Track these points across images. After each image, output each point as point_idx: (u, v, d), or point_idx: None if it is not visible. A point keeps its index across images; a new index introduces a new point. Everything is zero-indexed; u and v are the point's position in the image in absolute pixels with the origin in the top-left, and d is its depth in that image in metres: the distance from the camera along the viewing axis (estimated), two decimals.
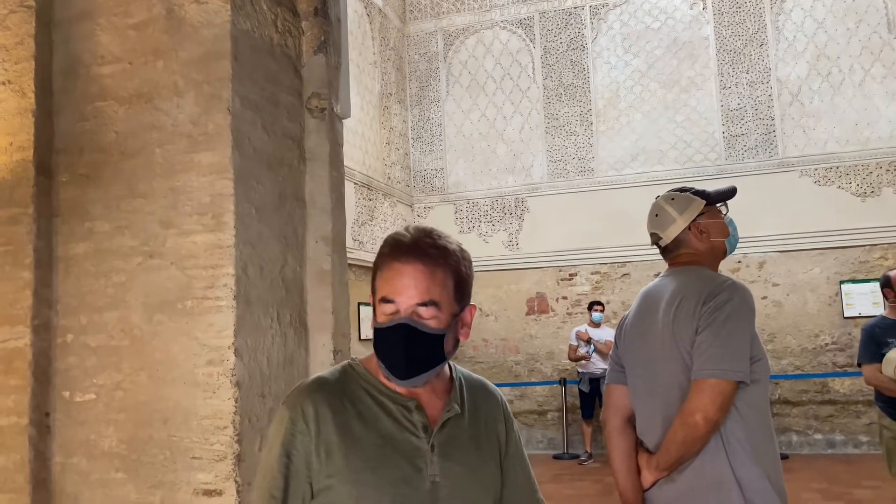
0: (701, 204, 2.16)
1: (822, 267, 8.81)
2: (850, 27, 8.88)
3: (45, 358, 2.40)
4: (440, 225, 1.39)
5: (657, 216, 2.20)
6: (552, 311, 9.76)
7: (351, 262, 4.96)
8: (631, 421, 2.20)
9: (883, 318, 4.26)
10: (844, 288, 8.68)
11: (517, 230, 9.91)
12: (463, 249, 1.34)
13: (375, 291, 1.31)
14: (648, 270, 8.81)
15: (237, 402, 2.22)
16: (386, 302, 1.28)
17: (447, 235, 1.33)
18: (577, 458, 8.80)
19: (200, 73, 2.36)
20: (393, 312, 1.27)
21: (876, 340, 4.14)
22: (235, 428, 2.21)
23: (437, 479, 1.30)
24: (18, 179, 2.43)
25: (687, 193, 2.19)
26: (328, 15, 2.83)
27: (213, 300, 2.27)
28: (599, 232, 9.38)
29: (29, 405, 2.34)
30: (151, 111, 2.40)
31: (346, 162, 2.95)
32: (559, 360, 9.58)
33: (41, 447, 2.36)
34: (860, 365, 4.28)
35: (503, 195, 10.01)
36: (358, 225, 8.60)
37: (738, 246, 2.28)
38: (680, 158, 9.38)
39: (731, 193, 2.23)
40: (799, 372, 8.76)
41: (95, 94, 2.46)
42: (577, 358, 8.69)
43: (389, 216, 9.50)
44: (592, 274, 9.63)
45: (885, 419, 4.20)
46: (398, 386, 1.32)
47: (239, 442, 2.22)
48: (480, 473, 1.36)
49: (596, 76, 9.76)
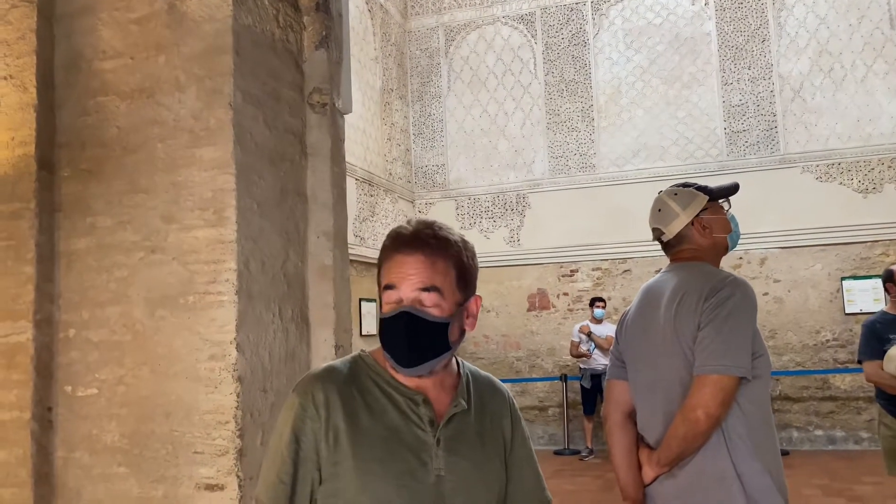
0: (704, 199, 2.16)
1: (823, 263, 8.81)
2: (852, 23, 8.86)
3: (47, 353, 2.40)
4: (441, 221, 1.39)
5: (660, 211, 2.20)
6: (553, 307, 9.76)
7: (352, 258, 4.96)
8: (632, 416, 2.20)
9: (884, 313, 4.18)
10: (846, 284, 8.68)
11: (518, 226, 9.91)
12: (465, 240, 1.35)
13: (380, 283, 1.33)
14: (649, 267, 8.81)
15: (239, 396, 2.23)
16: (389, 289, 1.29)
17: (449, 228, 1.34)
18: (577, 453, 8.82)
19: (202, 67, 2.36)
20: (396, 301, 1.29)
21: (877, 336, 4.06)
22: (237, 423, 2.22)
23: (441, 472, 1.30)
24: (20, 174, 2.43)
25: (690, 189, 2.19)
26: (329, 10, 2.83)
27: (214, 295, 2.27)
28: (600, 228, 9.38)
29: (31, 400, 2.35)
30: (153, 106, 2.40)
31: (347, 158, 2.95)
32: (560, 356, 9.59)
33: (43, 442, 2.37)
34: (861, 362, 4.20)
35: (504, 191, 10.00)
36: (359, 221, 8.60)
37: (739, 242, 2.28)
38: (681, 155, 9.37)
39: (733, 189, 2.24)
40: (800, 368, 8.76)
41: (97, 88, 2.46)
42: (578, 354, 8.69)
43: (390, 212, 9.50)
44: (593, 270, 9.63)
45: (885, 417, 4.12)
46: (404, 376, 1.32)
47: (241, 437, 2.22)
48: (485, 469, 1.37)
49: (597, 72, 9.75)
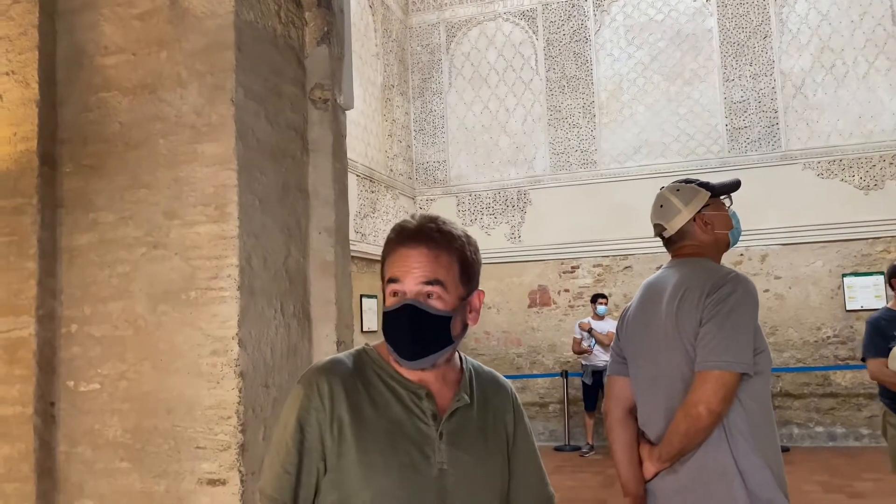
0: (706, 196, 2.16)
1: (824, 260, 8.80)
2: (854, 19, 8.84)
3: (49, 348, 2.41)
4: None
5: (662, 207, 2.20)
6: (554, 303, 9.77)
7: (353, 254, 4.97)
8: (633, 412, 2.21)
9: (888, 309, 4.09)
10: (847, 281, 8.68)
11: (519, 223, 9.91)
12: (468, 235, 1.36)
13: (384, 277, 1.34)
14: (650, 263, 8.81)
15: (241, 392, 2.23)
16: (392, 282, 1.30)
17: (452, 222, 1.36)
18: (578, 449, 8.83)
19: (204, 63, 2.36)
20: (400, 294, 1.30)
21: (882, 333, 3.95)
22: (239, 418, 2.22)
23: (444, 466, 1.31)
24: (22, 170, 2.44)
25: (692, 185, 2.19)
26: (331, 6, 2.83)
27: (216, 291, 2.27)
28: (601, 225, 9.38)
29: (34, 395, 2.35)
30: (155, 102, 2.40)
31: (348, 154, 2.96)
32: (561, 352, 9.60)
33: (46, 436, 2.37)
34: (864, 359, 4.08)
35: (505, 188, 10.00)
36: (360, 217, 8.60)
37: (740, 239, 2.28)
38: (683, 151, 9.36)
39: (735, 186, 2.24)
40: (800, 365, 8.76)
41: (99, 84, 2.47)
42: (581, 351, 8.70)
43: (392, 208, 9.50)
44: (594, 267, 9.63)
45: (891, 416, 4.00)
46: (407, 370, 1.33)
47: (243, 432, 2.23)
48: (487, 463, 1.38)
49: (599, 68, 9.74)
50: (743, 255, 8.88)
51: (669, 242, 2.22)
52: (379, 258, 1.38)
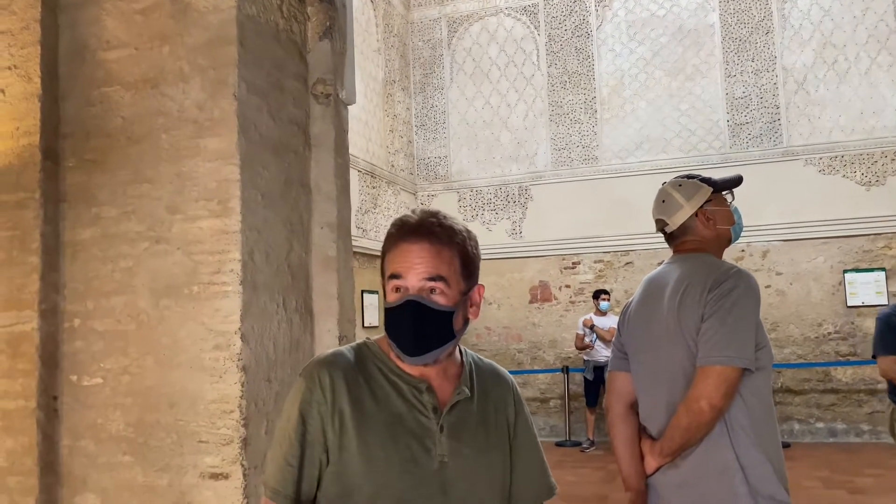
0: (708, 191, 2.16)
1: (825, 256, 8.80)
2: (856, 15, 8.82)
3: (52, 342, 2.42)
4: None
5: (664, 202, 2.20)
6: (555, 299, 9.77)
7: (354, 249, 4.97)
8: (634, 407, 2.21)
9: None
10: (848, 277, 8.67)
11: (521, 218, 9.91)
12: (469, 230, 1.36)
13: (384, 272, 1.33)
14: (652, 259, 8.81)
15: (244, 386, 2.24)
16: (394, 278, 1.30)
17: (453, 217, 1.35)
18: (579, 445, 8.84)
19: (206, 58, 2.36)
20: (402, 290, 1.29)
21: (893, 330, 3.88)
22: (242, 412, 2.23)
23: (445, 459, 1.32)
24: (25, 164, 2.44)
25: (694, 180, 2.19)
26: (333, 1, 2.83)
27: (219, 285, 2.28)
28: (603, 220, 9.37)
29: (36, 389, 2.36)
30: (157, 97, 2.40)
31: (349, 149, 2.96)
32: (562, 348, 9.60)
33: (49, 430, 2.38)
34: (875, 356, 3.98)
35: (507, 183, 9.99)
36: (361, 213, 8.60)
37: (741, 234, 2.28)
38: (684, 147, 9.35)
39: (737, 181, 2.24)
40: (801, 361, 8.76)
41: (102, 79, 2.47)
42: (583, 347, 8.70)
43: (393, 204, 9.50)
44: (595, 262, 9.63)
45: None
46: (409, 365, 1.33)
47: (245, 426, 2.23)
48: (488, 456, 1.38)
49: (600, 64, 9.72)
50: (744, 251, 8.88)
51: (671, 238, 2.22)
52: (380, 254, 1.37)
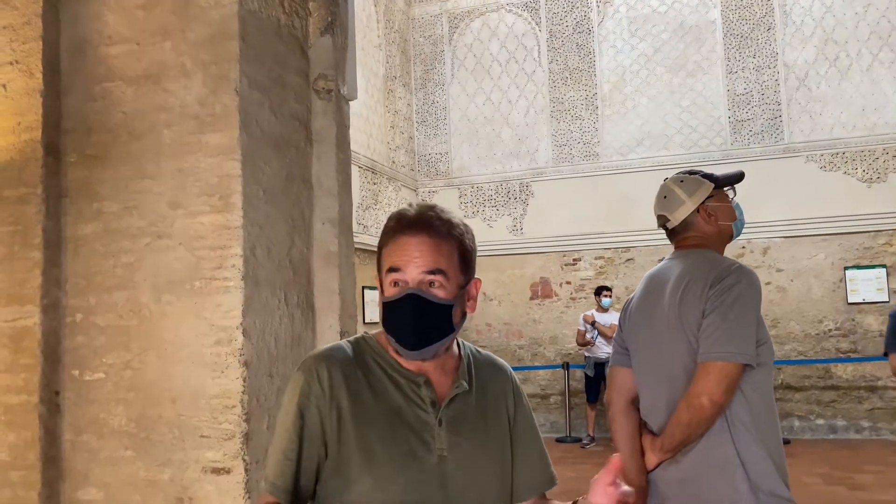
0: (710, 187, 2.16)
1: (826, 253, 8.80)
2: (858, 11, 8.81)
3: (54, 337, 2.42)
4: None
5: (666, 198, 2.19)
6: (556, 295, 9.77)
7: (355, 246, 4.96)
8: (635, 403, 2.21)
9: None
10: (849, 274, 8.67)
11: (521, 215, 9.91)
12: (466, 223, 1.36)
13: (381, 266, 1.32)
14: (652, 255, 8.81)
15: (245, 381, 2.24)
16: (393, 271, 1.29)
17: (450, 210, 1.35)
18: (579, 441, 8.86)
19: (208, 53, 2.36)
20: (401, 283, 1.28)
21: None
22: (244, 407, 2.23)
23: (444, 452, 1.31)
24: (27, 160, 2.44)
25: (696, 176, 2.19)
26: None
27: (221, 281, 2.28)
28: (604, 217, 9.37)
29: (39, 384, 2.36)
30: (159, 92, 2.40)
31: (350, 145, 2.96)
32: (562, 344, 9.61)
33: (51, 425, 2.39)
34: (887, 354, 3.97)
35: (508, 180, 9.99)
36: (362, 209, 8.60)
37: (742, 231, 2.28)
38: (685, 143, 9.34)
39: (739, 177, 2.24)
40: (802, 357, 8.77)
41: (103, 74, 2.47)
42: (585, 343, 8.71)
43: (394, 200, 9.49)
44: (596, 259, 9.63)
45: None
46: (407, 359, 1.33)
47: (247, 421, 2.24)
48: (487, 448, 1.38)
49: (602, 60, 9.71)
50: (745, 247, 8.88)
51: (673, 233, 2.22)
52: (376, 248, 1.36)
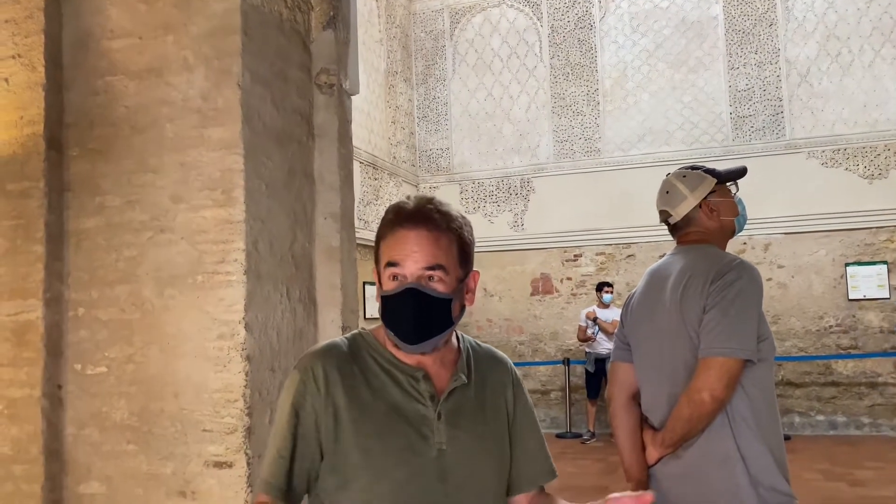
0: (712, 182, 2.16)
1: (827, 249, 8.80)
2: (860, 7, 8.79)
3: (56, 331, 2.42)
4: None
5: (668, 193, 2.19)
6: (556, 291, 9.78)
7: (356, 241, 4.96)
8: (636, 398, 2.21)
9: None
10: (849, 270, 8.67)
11: (522, 210, 9.90)
12: (464, 216, 1.35)
13: (380, 260, 1.31)
14: (653, 252, 8.81)
15: (247, 375, 2.25)
16: (392, 265, 1.28)
17: (448, 203, 1.34)
18: (579, 437, 8.87)
19: (210, 47, 2.36)
20: (400, 277, 1.28)
21: None
22: (246, 401, 2.24)
23: (443, 446, 1.31)
24: (29, 153, 2.44)
25: (698, 171, 2.19)
26: None
27: (223, 275, 2.29)
28: (605, 213, 9.37)
29: (41, 377, 2.37)
30: (161, 86, 2.40)
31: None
32: (563, 340, 9.62)
33: (54, 419, 2.39)
34: None
35: (509, 175, 9.98)
36: (363, 205, 8.60)
37: (745, 226, 2.28)
38: (687, 139, 9.34)
39: (741, 173, 2.23)
40: (802, 354, 8.78)
41: (105, 68, 2.46)
42: (586, 339, 8.72)
43: (394, 196, 9.49)
44: (597, 255, 9.63)
45: None
46: (406, 353, 1.32)
47: (249, 415, 2.24)
48: (487, 442, 1.37)
49: (603, 55, 9.69)
50: (746, 243, 8.87)
51: (675, 229, 2.22)
52: (374, 241, 1.35)
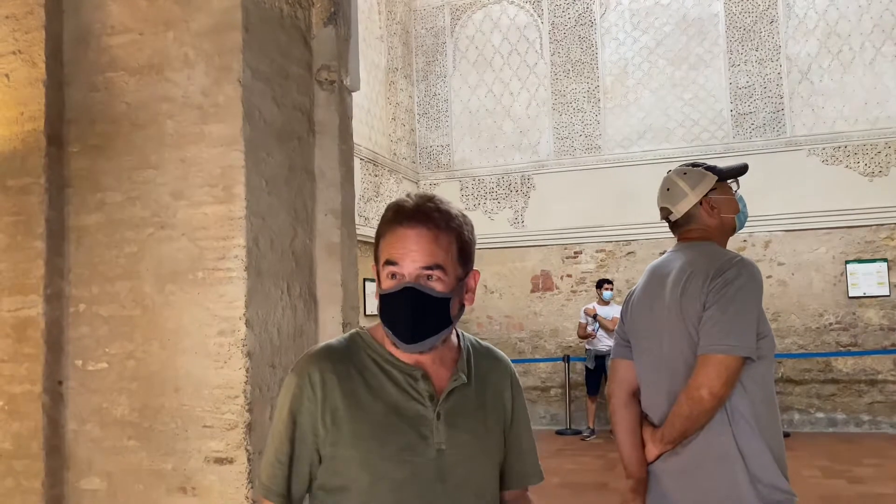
0: (713, 179, 2.16)
1: (827, 246, 8.80)
2: (861, 4, 8.77)
3: (57, 327, 2.42)
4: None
5: (668, 190, 2.19)
6: (557, 288, 9.78)
7: (357, 237, 4.96)
8: (636, 395, 2.22)
9: None
10: (850, 268, 8.67)
11: (523, 207, 9.90)
12: (464, 214, 1.34)
13: (379, 258, 1.31)
14: (654, 249, 8.81)
15: (248, 371, 2.25)
16: (390, 264, 1.27)
17: (449, 201, 1.33)
18: (579, 433, 8.88)
19: (211, 44, 2.35)
20: (398, 276, 1.27)
21: None
22: (246, 397, 2.24)
23: (442, 446, 1.31)
24: (30, 149, 2.44)
25: (699, 168, 2.19)
26: None
27: (224, 271, 2.29)
28: (605, 210, 9.36)
29: (42, 373, 2.37)
30: (162, 82, 2.40)
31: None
32: (563, 337, 9.62)
33: (54, 415, 2.40)
34: None
35: (509, 172, 9.98)
36: (363, 201, 8.60)
37: (745, 224, 2.28)
38: (687, 136, 9.33)
39: (742, 170, 2.23)
40: (802, 351, 8.78)
41: (106, 64, 2.46)
42: (586, 335, 8.73)
43: (395, 192, 9.48)
44: (597, 252, 9.63)
45: None
46: (404, 352, 1.31)
47: (250, 411, 2.25)
48: (486, 441, 1.37)
49: (604, 52, 9.68)
50: (746, 241, 8.87)
51: (675, 226, 2.22)
52: (374, 238, 1.35)
